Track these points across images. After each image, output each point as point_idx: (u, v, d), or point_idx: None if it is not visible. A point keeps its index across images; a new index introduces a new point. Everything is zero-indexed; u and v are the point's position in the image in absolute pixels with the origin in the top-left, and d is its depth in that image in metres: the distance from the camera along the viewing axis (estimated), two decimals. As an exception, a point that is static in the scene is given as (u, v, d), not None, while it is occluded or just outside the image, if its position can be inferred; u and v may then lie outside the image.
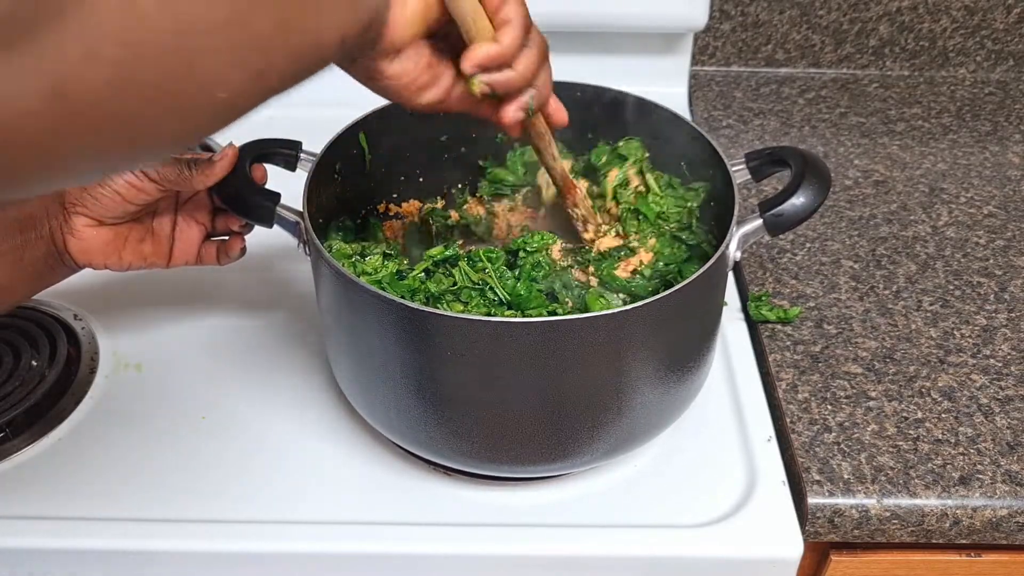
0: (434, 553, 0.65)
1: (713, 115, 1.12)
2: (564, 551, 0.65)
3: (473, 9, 0.50)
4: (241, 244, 0.72)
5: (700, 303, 0.63)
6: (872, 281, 0.86)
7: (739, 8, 1.15)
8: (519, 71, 0.52)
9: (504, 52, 0.51)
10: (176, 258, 0.70)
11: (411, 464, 0.71)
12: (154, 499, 0.68)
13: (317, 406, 0.75)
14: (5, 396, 0.73)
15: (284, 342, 0.81)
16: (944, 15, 1.15)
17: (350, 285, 0.59)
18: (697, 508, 0.67)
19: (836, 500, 0.66)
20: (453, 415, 0.62)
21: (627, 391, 0.61)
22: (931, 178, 1.00)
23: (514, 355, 0.58)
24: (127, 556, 0.65)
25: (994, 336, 0.80)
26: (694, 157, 0.74)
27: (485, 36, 0.51)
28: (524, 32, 0.52)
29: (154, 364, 0.79)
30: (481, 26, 0.50)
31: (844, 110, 1.13)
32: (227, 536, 0.65)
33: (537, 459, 0.64)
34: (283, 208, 0.67)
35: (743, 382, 0.77)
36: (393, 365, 0.62)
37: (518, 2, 0.52)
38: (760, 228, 0.65)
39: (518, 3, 0.52)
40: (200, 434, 0.73)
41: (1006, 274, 0.87)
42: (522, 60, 0.53)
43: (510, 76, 0.52)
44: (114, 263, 0.68)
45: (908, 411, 0.73)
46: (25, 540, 0.65)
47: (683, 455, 0.72)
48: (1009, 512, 0.66)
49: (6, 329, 0.78)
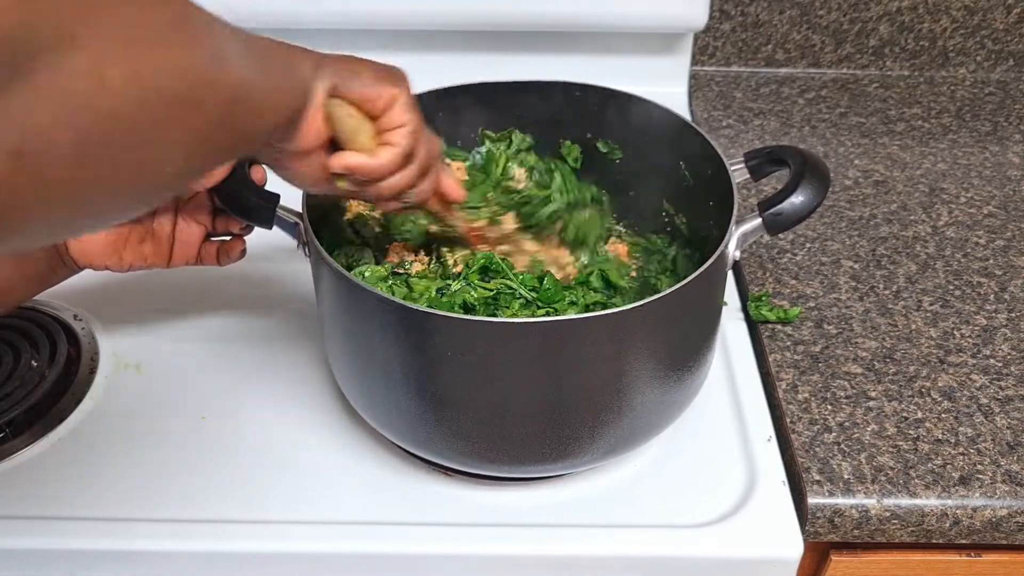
0: (434, 553, 0.65)
1: (713, 115, 1.12)
2: (564, 551, 0.65)
3: (352, 133, 0.53)
4: (242, 246, 0.72)
5: (700, 302, 0.63)
6: (872, 281, 0.86)
7: (739, 8, 1.15)
8: (389, 184, 0.56)
9: (374, 168, 0.54)
10: (176, 259, 0.70)
11: (411, 464, 0.71)
12: (154, 499, 0.68)
13: (317, 406, 0.75)
14: (5, 396, 0.73)
15: (284, 342, 0.81)
16: (944, 15, 1.15)
17: (350, 286, 0.59)
18: (697, 508, 0.67)
19: (836, 500, 0.66)
20: (453, 415, 0.62)
21: (627, 391, 0.61)
22: (931, 178, 1.00)
23: (514, 355, 0.58)
24: (127, 556, 0.65)
25: (994, 336, 0.80)
26: (693, 157, 0.74)
27: (364, 148, 0.54)
28: (403, 156, 0.55)
29: (154, 364, 0.79)
30: (359, 144, 0.53)
31: (844, 110, 1.13)
32: (227, 536, 0.65)
33: (537, 459, 0.64)
34: (283, 209, 0.67)
35: (743, 382, 0.77)
36: (393, 365, 0.62)
37: (409, 132, 0.55)
38: (759, 227, 0.65)
39: (406, 133, 0.55)
40: (200, 434, 0.73)
41: (1006, 274, 0.87)
42: (395, 177, 0.56)
43: (380, 187, 0.56)
44: (114, 264, 0.68)
45: (908, 411, 0.73)
46: (25, 540, 0.65)
47: (683, 455, 0.72)
48: (1009, 512, 0.66)
49: (6, 329, 0.78)
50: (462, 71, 0.81)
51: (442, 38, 1.08)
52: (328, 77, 0.51)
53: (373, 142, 0.54)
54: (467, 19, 1.05)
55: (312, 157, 0.53)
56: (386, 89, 0.53)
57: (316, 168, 0.54)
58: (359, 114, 0.53)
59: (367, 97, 0.53)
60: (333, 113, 0.51)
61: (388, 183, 0.56)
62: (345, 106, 0.52)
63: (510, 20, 1.05)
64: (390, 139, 0.54)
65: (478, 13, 1.04)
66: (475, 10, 1.04)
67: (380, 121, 0.54)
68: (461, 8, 1.04)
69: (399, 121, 0.54)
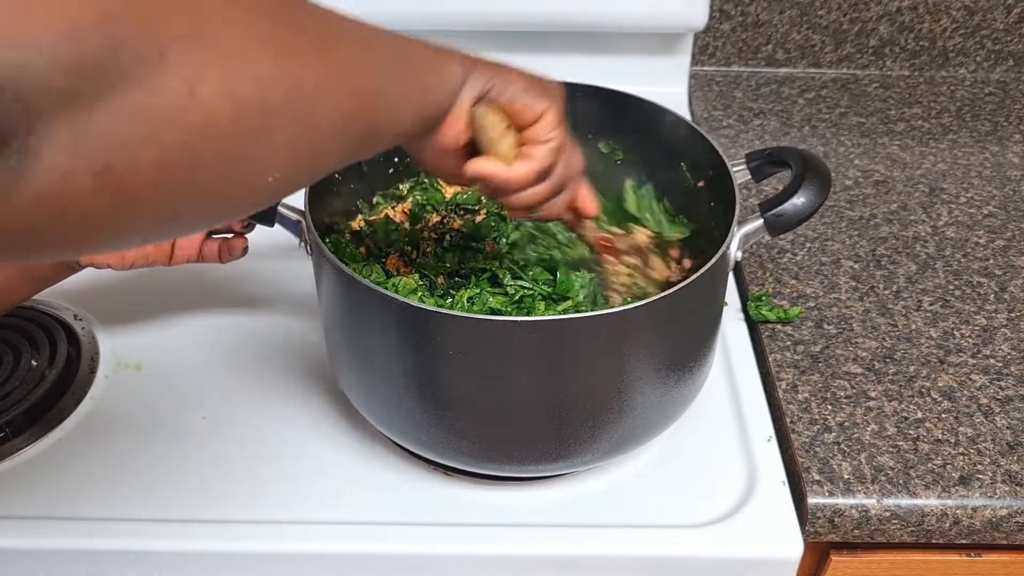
0: (434, 553, 0.65)
1: (713, 115, 1.12)
2: (564, 551, 0.65)
3: (495, 141, 0.52)
4: (244, 243, 0.72)
5: (701, 303, 0.63)
6: (872, 281, 0.86)
7: (739, 8, 1.15)
8: (519, 198, 0.55)
9: (508, 180, 0.54)
10: (178, 256, 0.70)
11: (412, 464, 0.71)
12: (154, 499, 0.68)
13: (318, 405, 0.75)
14: (5, 396, 0.73)
15: (285, 341, 0.81)
16: (944, 15, 1.15)
17: (352, 284, 0.59)
18: (697, 508, 0.67)
19: (836, 500, 0.66)
20: (454, 414, 0.62)
21: (628, 390, 0.61)
22: (931, 178, 1.00)
23: (515, 354, 0.58)
24: (127, 556, 0.65)
25: (994, 336, 0.80)
26: (694, 157, 0.74)
27: (502, 156, 0.53)
28: (539, 172, 0.54)
29: (154, 364, 0.79)
30: (499, 151, 0.53)
31: (844, 110, 1.13)
32: (227, 536, 0.65)
33: (538, 459, 0.64)
34: (284, 207, 0.67)
35: (743, 382, 0.77)
36: (394, 364, 0.62)
37: (548, 150, 0.54)
38: (761, 228, 0.65)
39: (548, 150, 0.54)
40: (200, 434, 0.73)
41: (1006, 274, 0.87)
42: (530, 192, 0.55)
43: (520, 199, 0.56)
44: (116, 262, 0.68)
45: (908, 411, 0.73)
46: (25, 540, 0.65)
47: (683, 455, 0.72)
48: (1009, 512, 0.66)
49: (6, 329, 0.78)
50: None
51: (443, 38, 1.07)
52: (479, 82, 0.50)
53: (513, 152, 0.53)
54: (467, 19, 1.05)
55: (448, 156, 0.52)
56: (538, 102, 0.52)
57: (450, 166, 0.54)
58: (504, 124, 0.52)
59: (516, 109, 0.52)
60: (479, 121, 0.51)
61: (520, 196, 0.55)
62: (491, 115, 0.51)
63: (510, 20, 1.05)
64: (530, 153, 0.53)
65: (478, 13, 1.04)
66: (475, 10, 1.04)
67: (525, 134, 0.53)
68: (461, 8, 1.04)
69: (543, 137, 0.53)
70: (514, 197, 0.55)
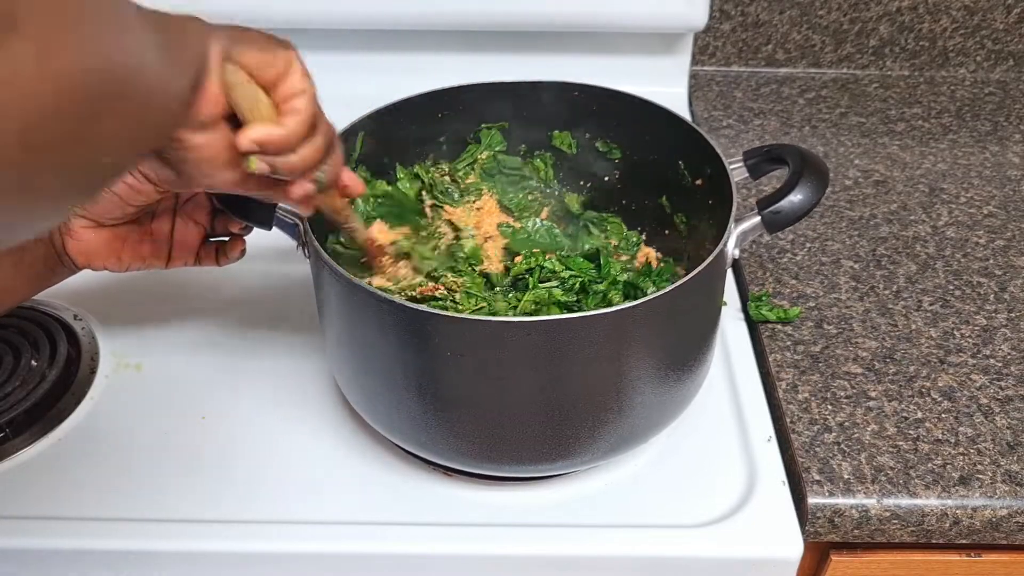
0: (434, 553, 0.65)
1: (713, 115, 1.12)
2: (564, 551, 0.65)
3: (252, 100, 0.50)
4: (241, 246, 0.72)
5: (699, 301, 0.63)
6: (872, 281, 0.86)
7: (739, 8, 1.15)
8: (299, 157, 0.53)
9: (282, 138, 0.52)
10: (175, 259, 0.70)
11: (411, 464, 0.71)
12: (154, 499, 0.68)
13: (317, 406, 0.75)
14: (5, 396, 0.73)
15: (284, 342, 0.81)
16: (944, 15, 1.15)
17: (349, 287, 0.59)
18: (697, 508, 0.67)
19: (836, 500, 0.66)
20: (453, 415, 0.62)
21: (627, 390, 0.61)
22: (931, 178, 1.00)
23: (514, 355, 0.58)
24: (127, 556, 0.65)
25: (994, 336, 0.80)
26: (692, 156, 0.74)
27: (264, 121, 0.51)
28: (308, 124, 0.53)
29: (154, 364, 0.79)
30: (260, 116, 0.51)
31: (844, 110, 1.13)
32: (227, 536, 0.65)
33: (537, 459, 0.64)
34: (282, 210, 0.67)
35: (743, 382, 0.77)
36: (393, 365, 0.62)
37: (309, 98, 0.52)
38: (758, 225, 0.65)
39: (308, 99, 0.52)
40: (200, 434, 0.73)
41: (1006, 274, 0.87)
42: (305, 147, 0.53)
43: (292, 161, 0.53)
44: (113, 264, 0.68)
45: (908, 411, 0.73)
46: (25, 540, 0.65)
47: (683, 455, 0.72)
48: (1009, 512, 0.66)
49: (6, 329, 0.79)
50: (462, 71, 0.81)
51: (442, 38, 1.08)
52: (221, 42, 0.49)
53: (273, 112, 0.51)
54: (467, 19, 1.05)
55: (215, 132, 0.50)
56: (280, 53, 0.51)
57: (222, 149, 0.51)
58: (254, 83, 0.50)
59: (264, 61, 0.50)
60: (229, 80, 0.49)
61: (299, 155, 0.53)
62: (241, 72, 0.49)
63: (510, 20, 1.05)
64: (293, 106, 0.52)
65: (478, 13, 1.04)
66: (475, 10, 1.04)
67: (278, 90, 0.52)
68: (461, 8, 1.04)
69: (299, 87, 0.52)
70: (295, 159, 0.53)
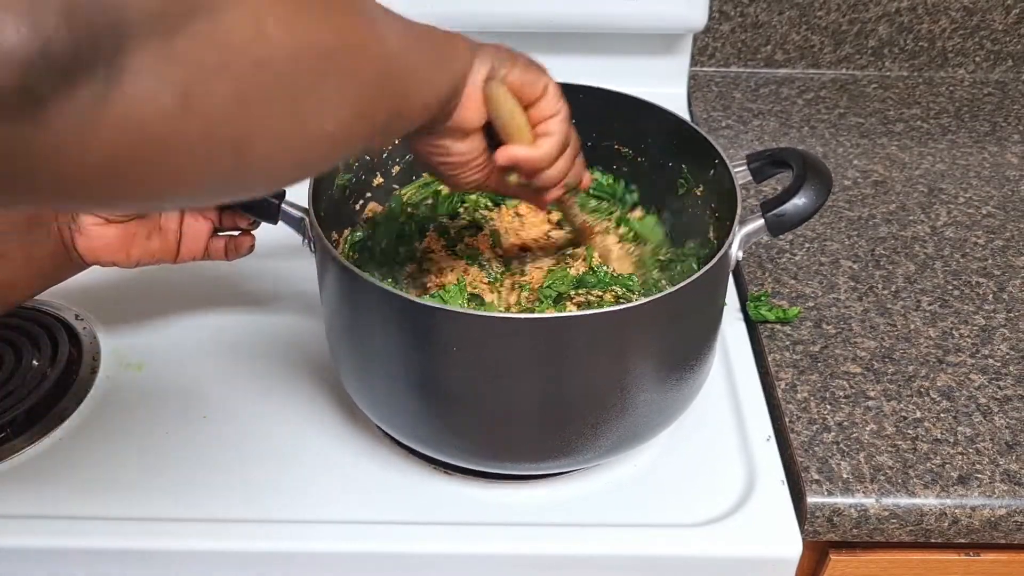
0: (434, 551, 0.65)
1: (712, 115, 1.12)
2: (564, 550, 0.65)
3: (510, 115, 0.54)
4: (251, 241, 0.72)
5: (702, 302, 0.64)
6: (871, 281, 0.86)
7: (738, 9, 1.15)
8: (552, 174, 0.58)
9: (539, 159, 0.56)
10: (184, 254, 0.70)
11: (413, 462, 0.71)
12: (155, 498, 0.68)
13: (320, 404, 0.75)
14: (7, 396, 0.73)
15: (287, 340, 0.81)
16: (943, 16, 1.15)
17: (355, 281, 0.59)
18: (697, 507, 0.67)
19: (835, 499, 0.66)
20: (455, 412, 0.63)
21: (629, 389, 0.62)
22: (930, 178, 1.01)
23: (517, 352, 0.58)
24: (128, 556, 0.65)
25: (993, 336, 0.80)
26: (694, 158, 0.74)
27: (522, 140, 0.55)
28: (561, 144, 0.57)
29: (155, 364, 0.79)
30: (517, 130, 0.55)
31: (843, 111, 1.13)
32: (228, 535, 0.65)
33: (538, 457, 0.64)
34: (288, 204, 0.67)
35: (742, 382, 0.77)
36: (397, 362, 0.62)
37: (563, 120, 0.57)
38: (762, 228, 0.65)
39: (562, 120, 0.57)
40: (201, 433, 0.73)
41: (1005, 274, 0.87)
42: (559, 164, 0.58)
43: (548, 177, 0.58)
44: (122, 260, 0.68)
45: (907, 411, 0.73)
46: (25, 540, 0.65)
47: (683, 454, 0.72)
48: (1008, 511, 0.66)
49: (8, 329, 0.79)
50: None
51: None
52: (487, 59, 0.52)
53: (529, 131, 0.55)
54: (466, 20, 1.05)
55: (471, 139, 0.54)
56: (539, 77, 0.55)
57: (476, 153, 0.55)
58: (514, 99, 0.54)
59: (526, 81, 0.54)
60: (492, 94, 0.52)
61: (552, 172, 0.58)
62: (504, 88, 0.53)
63: (510, 22, 1.05)
64: (547, 128, 0.56)
65: (477, 14, 1.04)
66: (474, 11, 1.04)
67: (534, 109, 0.55)
68: (461, 9, 1.04)
69: (554, 108, 0.56)
70: (548, 175, 0.58)
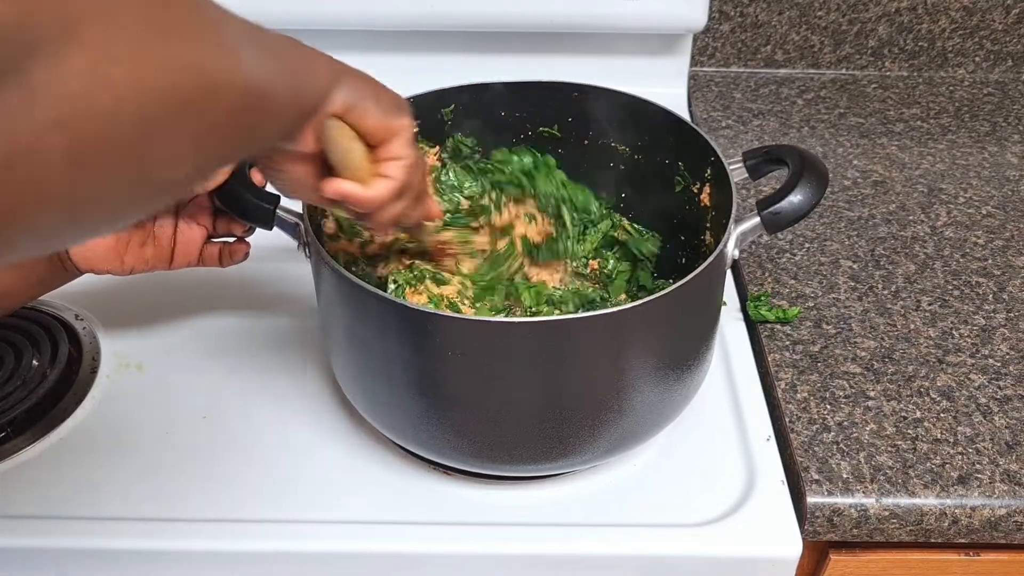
0: (434, 552, 0.65)
1: (712, 116, 1.12)
2: (564, 550, 0.65)
3: (343, 155, 0.50)
4: (245, 248, 0.72)
5: (699, 301, 0.64)
6: (871, 281, 0.86)
7: (738, 9, 1.15)
8: (381, 217, 0.54)
9: (369, 200, 0.52)
10: (178, 261, 0.70)
11: (411, 463, 0.71)
12: (155, 498, 0.68)
13: (318, 406, 0.75)
14: (7, 396, 0.73)
15: (285, 342, 0.81)
16: (943, 16, 1.15)
17: (350, 286, 0.60)
18: (696, 507, 0.67)
19: (835, 499, 0.66)
20: (453, 414, 0.63)
21: (626, 390, 0.62)
22: (930, 178, 1.01)
23: (514, 355, 0.58)
24: (127, 556, 0.65)
25: (992, 336, 0.80)
26: (692, 156, 0.74)
27: (356, 177, 0.51)
28: (397, 191, 0.53)
29: (155, 364, 0.79)
30: (350, 170, 0.51)
31: (843, 111, 1.13)
32: (227, 535, 0.65)
33: (537, 458, 0.64)
34: (283, 210, 0.67)
35: (742, 382, 0.77)
36: (394, 365, 0.62)
37: (406, 167, 0.53)
38: (758, 226, 0.65)
39: (405, 167, 0.53)
40: (201, 434, 0.73)
41: (1005, 274, 0.87)
42: (387, 209, 0.54)
43: (374, 219, 0.54)
44: (116, 268, 0.68)
45: (907, 411, 0.73)
46: (26, 540, 0.65)
47: (682, 454, 0.72)
48: (1007, 511, 0.66)
49: (7, 329, 0.79)
50: (461, 72, 0.81)
51: (442, 39, 1.08)
52: (348, 92, 0.49)
53: (365, 170, 0.52)
54: (466, 20, 1.05)
55: (307, 163, 0.51)
56: (394, 120, 0.51)
57: (309, 176, 0.52)
58: (352, 136, 0.50)
59: (380, 125, 0.51)
60: (328, 135, 0.49)
61: (383, 213, 0.54)
62: (344, 128, 0.50)
63: (510, 21, 1.05)
64: (387, 170, 0.52)
65: (477, 14, 1.04)
66: (474, 11, 1.04)
67: (381, 150, 0.52)
68: (460, 9, 1.04)
69: (400, 153, 0.52)
70: (378, 216, 0.54)
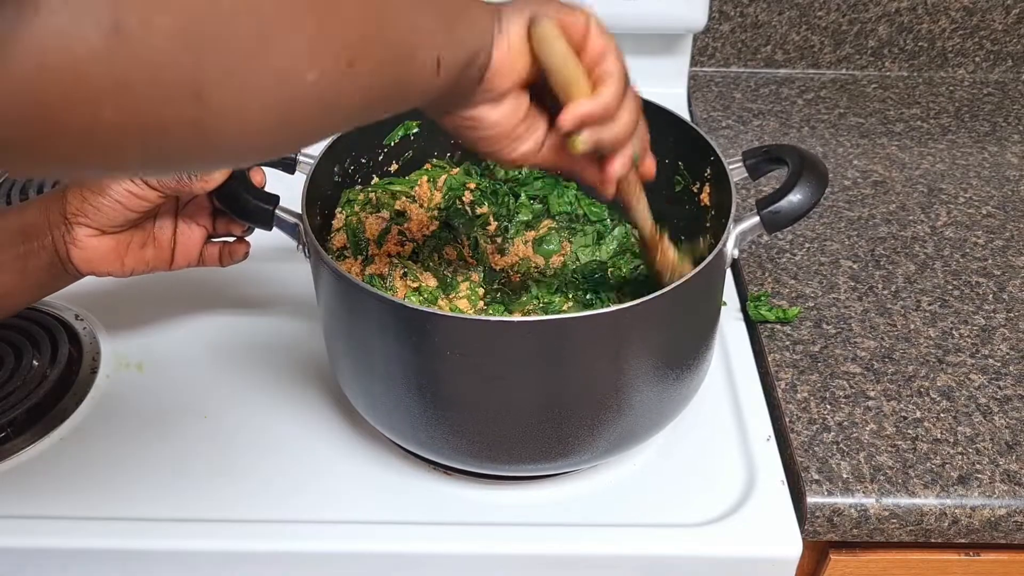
0: (434, 552, 0.65)
1: (712, 116, 1.12)
2: (564, 550, 0.65)
3: (563, 60, 0.47)
4: (245, 248, 0.72)
5: (698, 300, 0.64)
6: (871, 281, 0.86)
7: (738, 9, 1.15)
8: (621, 126, 0.50)
9: (607, 107, 0.48)
10: (178, 261, 0.71)
11: (411, 463, 0.71)
12: (155, 498, 0.68)
13: (318, 405, 0.75)
14: (7, 396, 0.73)
15: (285, 342, 0.81)
16: (943, 16, 1.15)
17: (349, 286, 0.60)
18: (696, 507, 0.67)
19: (835, 499, 0.66)
20: (453, 414, 0.63)
21: (626, 389, 0.62)
22: (930, 178, 1.01)
23: (513, 354, 0.58)
24: (127, 556, 0.65)
25: (992, 336, 0.80)
26: (691, 156, 0.74)
27: (581, 90, 0.48)
28: (623, 86, 0.50)
29: (155, 364, 0.79)
30: (574, 78, 0.48)
31: (843, 111, 1.13)
32: (227, 535, 0.65)
33: (537, 458, 0.64)
34: (282, 210, 0.67)
35: (742, 382, 0.77)
36: (393, 365, 0.62)
37: (617, 56, 0.49)
38: (757, 225, 0.65)
39: (617, 57, 0.49)
40: (201, 434, 0.73)
41: (1005, 274, 0.87)
42: (623, 114, 0.50)
43: (615, 132, 0.50)
44: (116, 270, 0.68)
45: (907, 411, 0.73)
46: (25, 540, 0.65)
47: (682, 454, 0.72)
48: (1007, 511, 0.66)
49: (8, 329, 0.79)
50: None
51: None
52: (522, 7, 0.46)
53: (585, 78, 0.48)
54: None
55: (506, 104, 0.48)
56: (578, 12, 0.47)
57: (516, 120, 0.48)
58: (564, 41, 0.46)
59: (569, 21, 0.46)
60: (543, 35, 0.45)
61: (620, 123, 0.49)
62: (553, 30, 0.45)
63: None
64: (605, 69, 0.48)
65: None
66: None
67: (586, 50, 0.48)
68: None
69: (603, 46, 0.48)
70: (617, 128, 0.49)
